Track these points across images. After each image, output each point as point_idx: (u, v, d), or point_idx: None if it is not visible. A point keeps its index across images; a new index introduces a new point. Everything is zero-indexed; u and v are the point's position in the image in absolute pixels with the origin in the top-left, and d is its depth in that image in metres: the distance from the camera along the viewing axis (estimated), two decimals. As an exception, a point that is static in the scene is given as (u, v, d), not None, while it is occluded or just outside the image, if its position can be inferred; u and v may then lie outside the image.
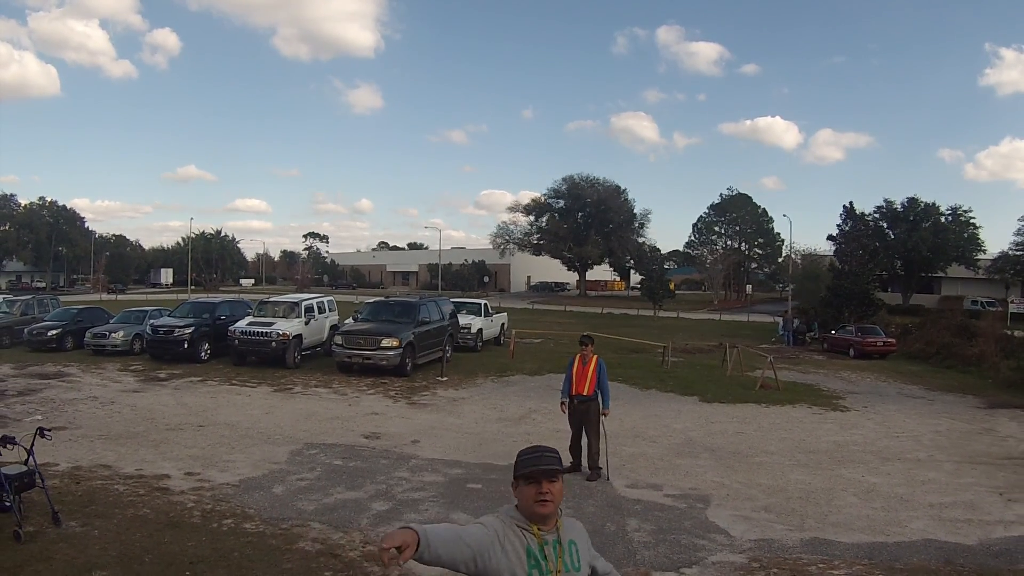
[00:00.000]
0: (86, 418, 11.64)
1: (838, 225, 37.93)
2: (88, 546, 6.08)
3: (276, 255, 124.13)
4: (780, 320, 36.04)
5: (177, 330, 18.53)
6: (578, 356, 9.06)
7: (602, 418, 8.91)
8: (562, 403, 9.23)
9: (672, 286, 58.87)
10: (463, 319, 22.18)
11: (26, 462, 6.82)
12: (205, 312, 19.92)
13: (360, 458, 9.37)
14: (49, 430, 7.16)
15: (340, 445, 10.03)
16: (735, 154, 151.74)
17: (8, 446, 6.65)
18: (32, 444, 6.81)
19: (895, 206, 58.74)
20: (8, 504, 6.68)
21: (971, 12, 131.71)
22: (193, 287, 72.15)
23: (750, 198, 77.43)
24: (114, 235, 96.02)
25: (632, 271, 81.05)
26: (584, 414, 8.88)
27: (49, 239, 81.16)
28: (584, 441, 8.96)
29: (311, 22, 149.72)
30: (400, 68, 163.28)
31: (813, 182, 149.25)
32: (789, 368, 21.51)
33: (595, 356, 9.06)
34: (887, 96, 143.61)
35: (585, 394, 8.85)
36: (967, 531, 7.39)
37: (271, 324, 18.00)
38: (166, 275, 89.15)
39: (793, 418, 13.49)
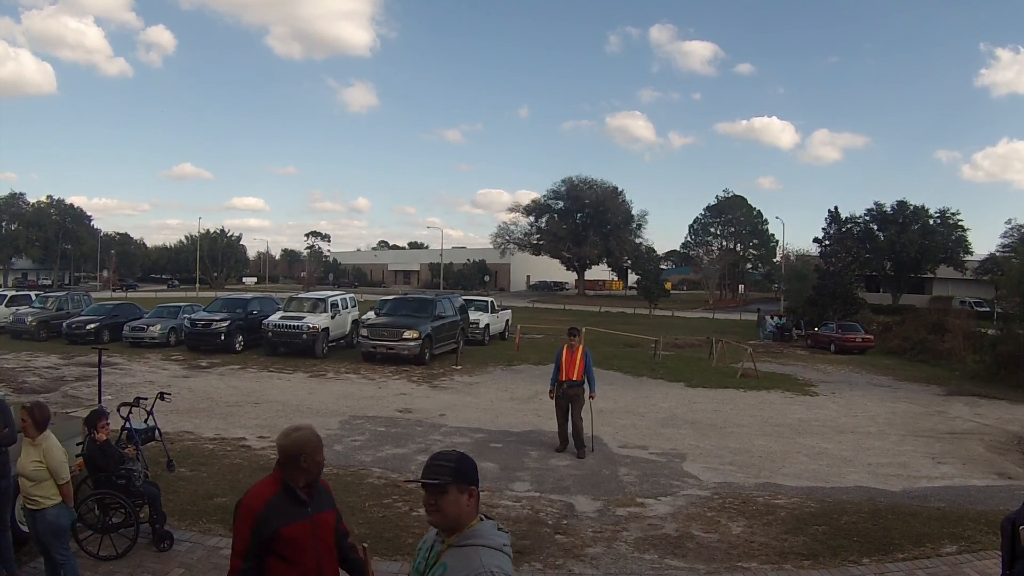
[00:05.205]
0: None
1: (823, 229, 39.95)
2: (203, 482, 7.91)
3: (275, 253, 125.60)
4: (766, 318, 37.84)
5: (214, 323, 20.36)
6: (566, 346, 9.92)
7: (589, 401, 9.83)
8: (551, 390, 10.15)
9: (669, 286, 60.54)
10: (472, 315, 23.97)
11: (146, 420, 8.65)
12: (238, 307, 21.77)
13: (399, 426, 11.26)
14: (168, 393, 9.00)
15: (380, 417, 11.91)
16: (731, 154, 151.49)
17: (133, 408, 8.46)
18: (152, 406, 8.65)
19: (885, 208, 60.54)
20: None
21: (966, 12, 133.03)
22: (198, 285, 73.84)
23: (745, 200, 79.31)
24: (118, 233, 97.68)
25: (629, 271, 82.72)
26: (573, 397, 9.72)
27: (57, 237, 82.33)
28: (571, 423, 9.78)
29: (304, 21, 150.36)
30: (395, 67, 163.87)
31: (810, 182, 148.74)
32: (771, 361, 23.36)
33: (581, 346, 9.96)
34: (883, 97, 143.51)
35: (574, 379, 9.74)
36: (895, 482, 9.21)
37: (302, 318, 19.85)
38: None
39: (766, 400, 15.39)
